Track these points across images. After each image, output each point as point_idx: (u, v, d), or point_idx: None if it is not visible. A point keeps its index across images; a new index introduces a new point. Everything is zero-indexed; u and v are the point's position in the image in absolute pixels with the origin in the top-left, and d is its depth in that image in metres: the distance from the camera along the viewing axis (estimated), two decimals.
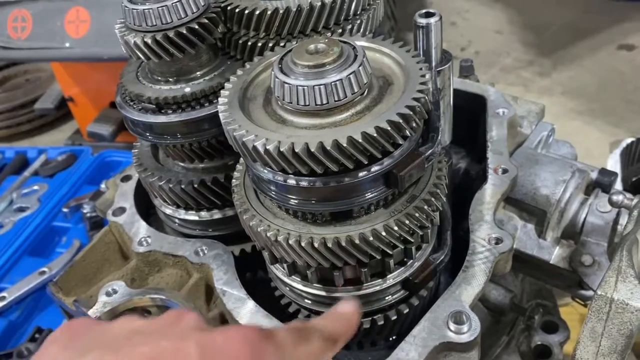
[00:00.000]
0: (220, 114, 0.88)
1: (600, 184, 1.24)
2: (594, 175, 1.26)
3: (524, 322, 1.31)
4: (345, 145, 0.77)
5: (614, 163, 2.21)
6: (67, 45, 2.37)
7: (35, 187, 2.64)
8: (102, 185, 2.48)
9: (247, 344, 0.68)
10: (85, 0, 2.38)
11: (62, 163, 2.78)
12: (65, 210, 2.44)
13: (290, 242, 0.89)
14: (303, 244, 0.88)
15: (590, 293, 1.22)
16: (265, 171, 0.88)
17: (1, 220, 2.50)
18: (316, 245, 0.88)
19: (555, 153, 1.36)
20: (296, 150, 0.78)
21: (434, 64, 1.05)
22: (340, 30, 1.04)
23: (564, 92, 3.16)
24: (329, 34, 1.04)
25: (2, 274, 2.21)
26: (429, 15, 1.03)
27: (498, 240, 1.05)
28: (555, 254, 1.20)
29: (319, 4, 1.01)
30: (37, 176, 2.76)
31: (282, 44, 1.03)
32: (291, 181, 0.86)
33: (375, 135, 0.78)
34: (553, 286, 1.31)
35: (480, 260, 1.03)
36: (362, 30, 1.07)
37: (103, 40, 2.33)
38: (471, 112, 1.39)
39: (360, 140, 0.78)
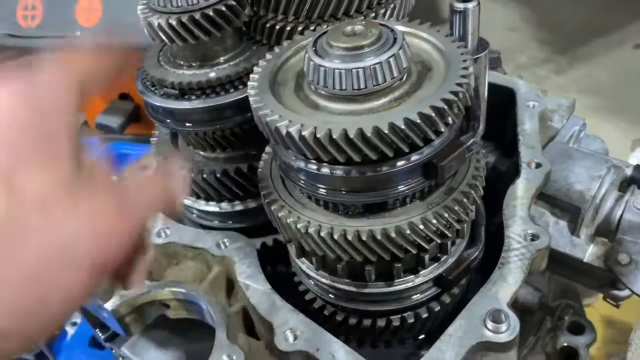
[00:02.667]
0: (250, 99, 0.84)
1: (636, 180, 1.20)
2: (628, 171, 1.21)
3: (553, 322, 1.26)
4: (386, 131, 0.73)
5: (635, 161, 2.16)
6: (78, 34, 2.32)
7: None
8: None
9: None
10: None
11: None
12: None
13: (322, 234, 0.85)
14: (335, 237, 0.84)
15: (624, 293, 1.18)
16: (298, 159, 0.84)
17: None
18: (349, 238, 0.83)
19: (586, 148, 1.31)
20: (334, 137, 0.74)
21: (470, 50, 1.00)
22: (373, 15, 1.00)
23: (579, 90, 3.11)
24: (361, 18, 1.00)
25: None
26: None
27: (534, 237, 1.01)
28: (589, 252, 1.15)
29: None
30: None
31: (312, 28, 0.99)
32: (325, 170, 0.82)
33: (418, 121, 0.74)
34: (584, 285, 1.27)
35: (517, 257, 0.98)
36: (395, 14, 1.03)
37: (114, 30, 2.28)
38: (499, 104, 1.34)
39: (402, 127, 0.73)
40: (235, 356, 0.93)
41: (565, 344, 1.34)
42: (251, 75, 0.87)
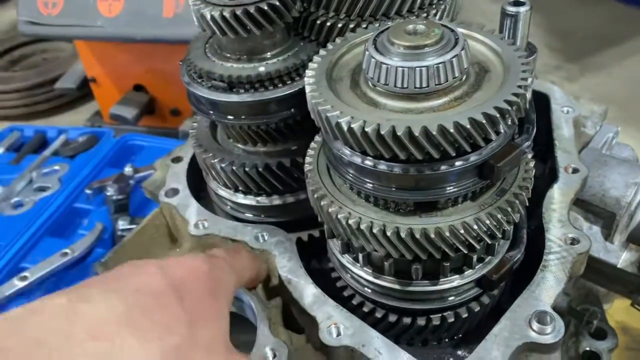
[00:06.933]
0: (308, 94, 0.84)
1: None
2: None
3: (582, 327, 1.28)
4: (451, 130, 0.74)
5: None
6: (99, 23, 2.32)
7: (56, 167, 2.59)
8: (127, 169, 2.46)
9: (199, 260, 0.84)
10: None
11: (83, 144, 2.73)
12: (88, 192, 2.39)
13: (374, 230, 0.85)
14: (388, 234, 0.85)
15: None
16: (354, 155, 0.84)
17: (21, 199, 2.45)
18: (402, 235, 0.84)
19: (618, 155, 1.32)
20: (398, 134, 0.75)
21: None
22: (425, 15, 1.01)
23: (592, 99, 3.12)
24: (413, 18, 1.00)
25: (23, 254, 2.16)
26: (518, 4, 0.99)
27: (574, 241, 1.02)
28: (622, 258, 1.16)
29: None
30: (57, 156, 2.71)
31: (363, 26, 0.99)
32: (382, 167, 0.82)
33: (483, 121, 0.74)
34: (614, 291, 1.28)
35: (558, 260, 0.99)
36: (444, 16, 1.03)
37: (136, 21, 2.28)
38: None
39: (467, 126, 0.74)
40: (279, 350, 0.93)
41: (587, 349, 1.35)
42: (307, 71, 0.88)
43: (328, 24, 1.02)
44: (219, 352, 0.77)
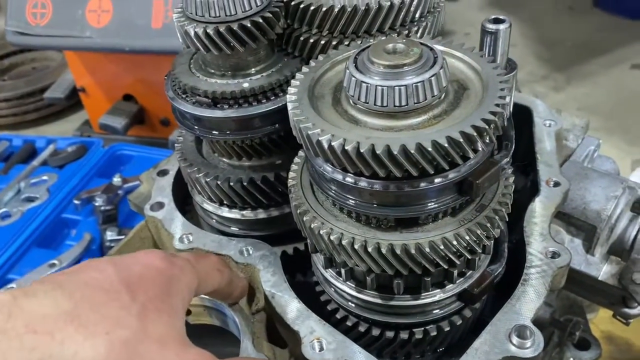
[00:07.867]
0: (290, 111, 0.85)
1: None
2: None
3: (565, 338, 1.29)
4: (429, 149, 0.75)
5: (637, 180, 2.20)
6: (88, 34, 2.33)
7: (45, 177, 2.59)
8: (115, 179, 2.46)
9: (157, 257, 0.84)
10: None
11: (72, 154, 2.73)
12: (76, 202, 2.39)
13: (356, 246, 0.86)
14: (369, 249, 0.86)
15: (635, 311, 1.20)
16: (335, 172, 0.85)
17: (9, 210, 2.44)
18: (383, 251, 0.85)
19: (599, 168, 1.34)
20: (377, 152, 0.76)
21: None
22: (406, 32, 1.02)
23: (579, 108, 3.16)
24: (394, 35, 1.01)
25: (11, 265, 2.16)
26: (498, 21, 1.01)
27: (555, 254, 1.03)
28: (603, 271, 1.18)
29: (387, 4, 0.98)
30: (45, 166, 2.71)
31: (346, 43, 1.01)
32: (363, 184, 0.83)
33: (460, 140, 0.76)
34: (596, 303, 1.29)
35: (539, 274, 1.00)
36: (426, 33, 1.05)
37: (125, 32, 2.29)
38: (514, 122, 1.37)
39: (444, 145, 0.75)
40: None
41: (571, 359, 1.36)
42: (289, 89, 0.89)
43: (311, 40, 1.03)
44: (171, 345, 0.76)
